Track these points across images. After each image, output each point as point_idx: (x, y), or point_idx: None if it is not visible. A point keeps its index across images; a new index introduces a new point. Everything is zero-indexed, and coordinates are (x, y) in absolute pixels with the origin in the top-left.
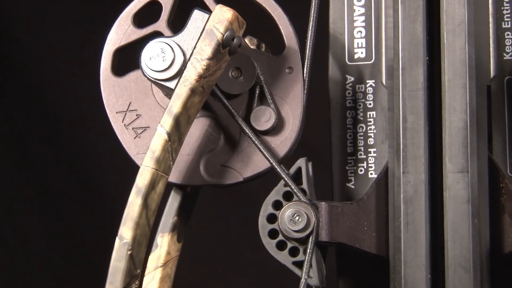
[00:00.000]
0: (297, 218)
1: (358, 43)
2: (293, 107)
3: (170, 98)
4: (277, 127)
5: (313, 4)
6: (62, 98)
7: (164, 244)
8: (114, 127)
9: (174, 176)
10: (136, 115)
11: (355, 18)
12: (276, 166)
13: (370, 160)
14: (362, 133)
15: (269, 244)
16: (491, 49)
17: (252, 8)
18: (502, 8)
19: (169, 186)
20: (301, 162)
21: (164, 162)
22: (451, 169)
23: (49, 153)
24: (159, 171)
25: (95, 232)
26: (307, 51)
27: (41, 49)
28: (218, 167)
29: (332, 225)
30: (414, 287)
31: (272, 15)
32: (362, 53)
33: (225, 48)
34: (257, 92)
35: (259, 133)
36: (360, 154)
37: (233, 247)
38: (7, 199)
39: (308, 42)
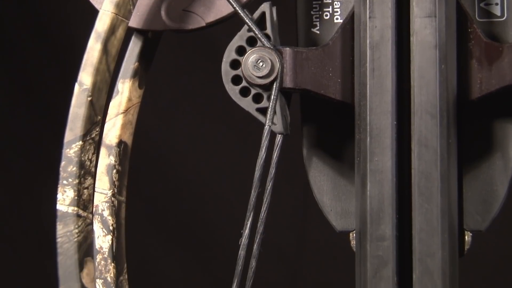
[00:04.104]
0: (261, 63)
1: None
2: None
3: None
4: None
5: None
6: None
7: (125, 91)
8: None
9: (135, 21)
10: None
11: None
12: (239, 10)
13: (335, 4)
14: None
15: (233, 91)
16: None
17: None
18: None
19: (130, 32)
20: (265, 7)
21: (124, 7)
22: (418, 14)
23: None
24: (119, 16)
25: (55, 79)
26: None
27: None
28: (180, 11)
29: (296, 71)
30: (380, 134)
31: None
32: None
33: None
34: None
35: None
36: None
37: (195, 93)
38: None
39: None
